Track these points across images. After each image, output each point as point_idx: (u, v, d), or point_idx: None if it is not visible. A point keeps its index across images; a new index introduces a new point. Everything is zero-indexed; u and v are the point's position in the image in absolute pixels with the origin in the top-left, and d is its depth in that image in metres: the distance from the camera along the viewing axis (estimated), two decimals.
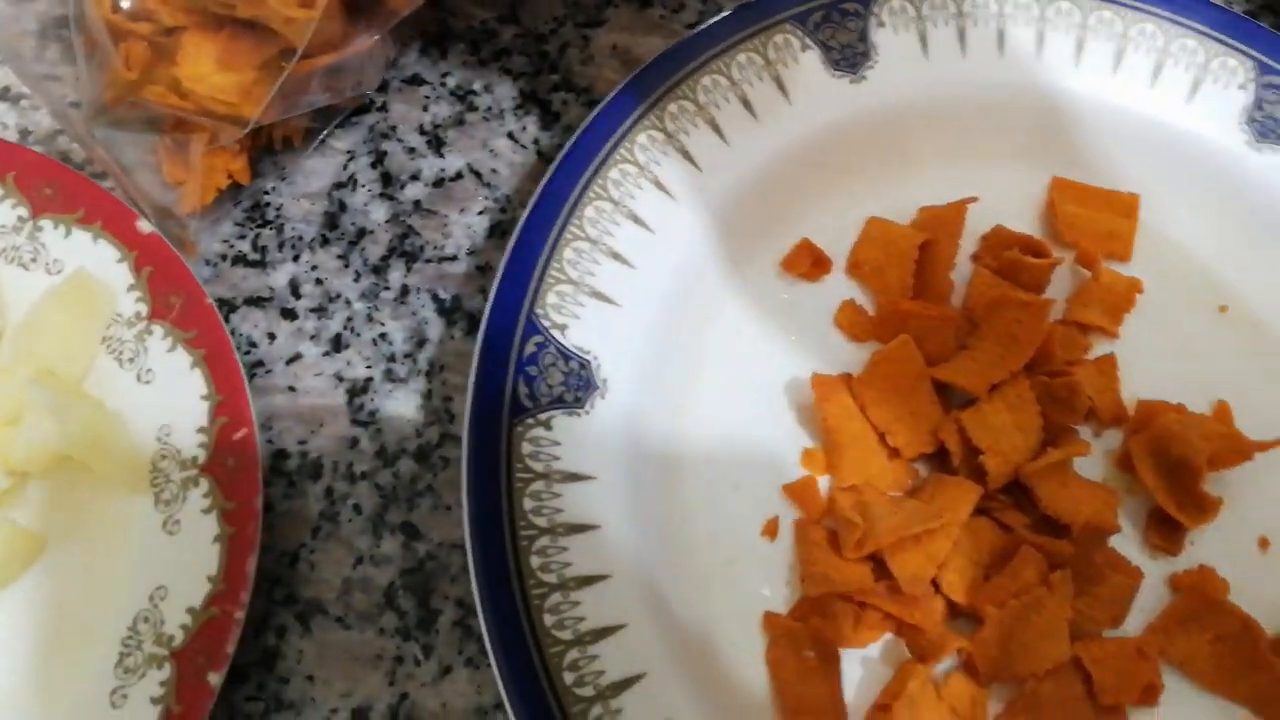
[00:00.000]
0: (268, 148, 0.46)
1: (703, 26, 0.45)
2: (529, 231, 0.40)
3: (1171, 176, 0.46)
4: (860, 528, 0.38)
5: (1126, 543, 0.41)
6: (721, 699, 0.37)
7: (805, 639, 0.38)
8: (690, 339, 0.43)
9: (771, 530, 0.40)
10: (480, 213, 0.46)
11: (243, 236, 0.45)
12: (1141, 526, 0.41)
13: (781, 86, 0.45)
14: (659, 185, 0.42)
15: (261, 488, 0.37)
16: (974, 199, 0.45)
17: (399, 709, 0.38)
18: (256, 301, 0.44)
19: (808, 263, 0.45)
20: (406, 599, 0.40)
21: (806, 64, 0.45)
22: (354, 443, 0.42)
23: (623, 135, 0.42)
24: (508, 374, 0.38)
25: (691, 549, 0.40)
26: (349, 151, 0.47)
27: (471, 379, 0.38)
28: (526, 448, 0.37)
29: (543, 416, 0.38)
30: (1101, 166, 0.47)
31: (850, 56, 0.45)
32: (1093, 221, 0.46)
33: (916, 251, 0.44)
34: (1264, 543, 0.41)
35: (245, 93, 0.40)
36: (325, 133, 0.46)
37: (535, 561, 0.36)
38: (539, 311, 0.39)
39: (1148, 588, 0.40)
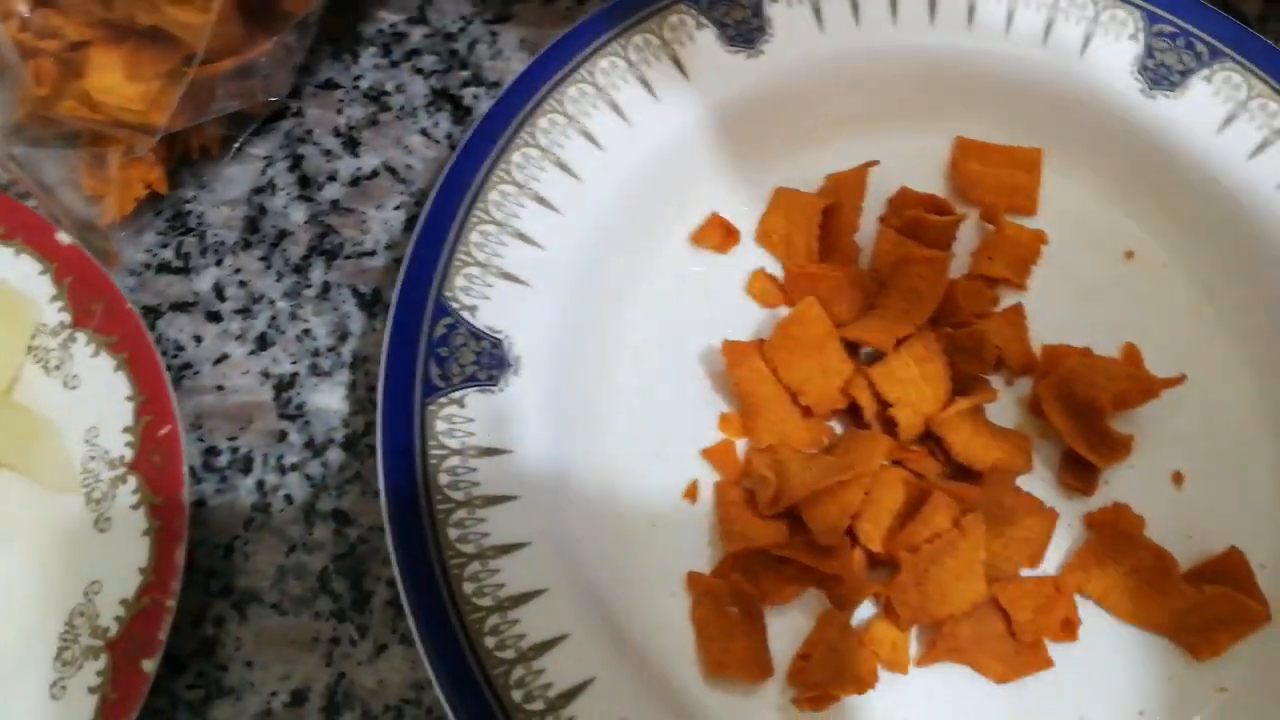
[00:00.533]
0: (186, 157, 0.47)
1: (597, 11, 0.46)
2: (435, 217, 0.41)
3: (1072, 130, 0.47)
4: (774, 484, 0.39)
5: (1043, 485, 0.42)
6: (647, 656, 0.38)
7: (728, 596, 0.39)
8: (605, 314, 0.43)
9: (692, 493, 0.41)
10: (396, 208, 0.47)
11: (166, 245, 0.46)
12: (1056, 469, 0.42)
13: (680, 65, 0.45)
14: (563, 167, 0.43)
15: (187, 480, 0.38)
16: (875, 163, 0.46)
17: (337, 688, 0.39)
18: (182, 306, 0.45)
19: (719, 236, 0.46)
20: (340, 582, 0.40)
21: (703, 42, 0.46)
22: (283, 436, 0.43)
23: (523, 120, 0.43)
24: (418, 355, 0.39)
25: (613, 515, 0.40)
26: (266, 157, 0.48)
27: (383, 362, 0.39)
28: (440, 425, 0.38)
29: (456, 395, 0.39)
30: (1003, 124, 0.48)
31: (745, 32, 0.46)
32: (996, 178, 0.47)
33: (820, 216, 0.45)
34: (1177, 478, 0.42)
35: (153, 101, 0.41)
36: (242, 140, 0.47)
37: (453, 533, 0.37)
38: (448, 294, 0.40)
39: (1065, 528, 0.41)
